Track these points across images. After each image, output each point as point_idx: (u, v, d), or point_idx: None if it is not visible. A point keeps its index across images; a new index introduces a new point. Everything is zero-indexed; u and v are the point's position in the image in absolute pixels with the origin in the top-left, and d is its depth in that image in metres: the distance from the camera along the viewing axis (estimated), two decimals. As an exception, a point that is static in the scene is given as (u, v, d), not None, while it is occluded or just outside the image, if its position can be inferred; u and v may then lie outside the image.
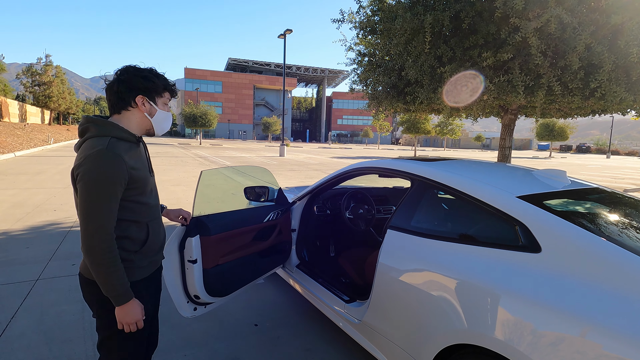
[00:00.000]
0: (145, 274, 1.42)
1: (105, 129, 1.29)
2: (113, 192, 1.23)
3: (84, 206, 1.22)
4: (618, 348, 1.06)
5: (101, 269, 1.23)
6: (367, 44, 6.04)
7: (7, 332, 2.41)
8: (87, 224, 1.21)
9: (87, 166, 1.21)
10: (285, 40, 21.42)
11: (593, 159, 37.95)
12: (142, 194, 1.36)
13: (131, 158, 1.30)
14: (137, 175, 1.31)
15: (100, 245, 1.22)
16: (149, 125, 1.40)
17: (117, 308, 1.28)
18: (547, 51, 4.20)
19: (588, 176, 16.94)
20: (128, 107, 1.34)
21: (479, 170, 2.09)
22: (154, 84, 1.36)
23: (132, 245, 1.35)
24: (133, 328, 1.32)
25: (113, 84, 1.32)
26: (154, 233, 1.43)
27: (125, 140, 1.31)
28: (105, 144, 1.24)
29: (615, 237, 1.41)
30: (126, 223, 1.33)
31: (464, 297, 1.48)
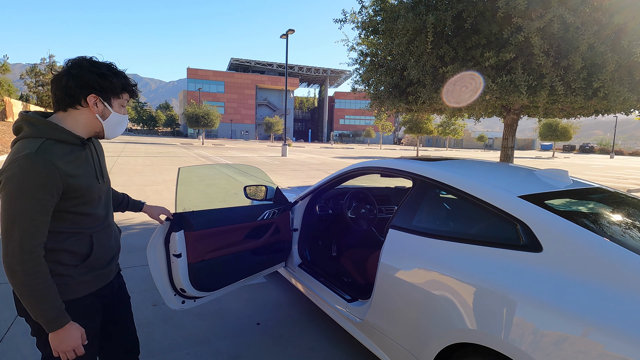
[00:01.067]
0: (90, 289, 1.26)
1: (40, 129, 1.11)
2: (41, 205, 1.05)
3: (4, 220, 1.04)
4: (620, 348, 1.06)
5: (25, 293, 1.06)
6: (369, 44, 6.04)
7: (13, 330, 2.43)
8: (7, 241, 1.04)
9: (11, 172, 1.03)
10: (287, 41, 21.44)
11: (596, 159, 37.77)
12: (85, 203, 1.19)
13: (69, 164, 1.13)
14: (77, 184, 1.14)
15: (21, 266, 1.04)
16: (99, 127, 1.22)
17: (50, 334, 1.12)
18: (550, 51, 4.19)
19: (591, 176, 16.87)
20: (76, 106, 1.16)
21: (480, 170, 2.09)
22: (111, 84, 1.18)
23: (70, 259, 1.19)
24: (71, 356, 1.15)
25: (61, 77, 1.14)
26: (100, 245, 1.26)
27: (65, 142, 1.14)
28: (35, 147, 1.06)
29: (617, 237, 1.41)
30: (64, 235, 1.16)
31: (465, 296, 1.48)
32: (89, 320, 1.26)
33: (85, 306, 1.25)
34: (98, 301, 1.31)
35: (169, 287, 2.09)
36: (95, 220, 1.24)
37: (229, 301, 3.01)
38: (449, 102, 5.13)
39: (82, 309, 1.23)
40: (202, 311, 2.81)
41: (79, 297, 1.22)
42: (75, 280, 1.20)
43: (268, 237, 2.63)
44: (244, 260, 2.46)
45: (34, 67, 34.62)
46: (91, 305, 1.27)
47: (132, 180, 9.19)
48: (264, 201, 2.82)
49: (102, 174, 1.30)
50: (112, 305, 1.41)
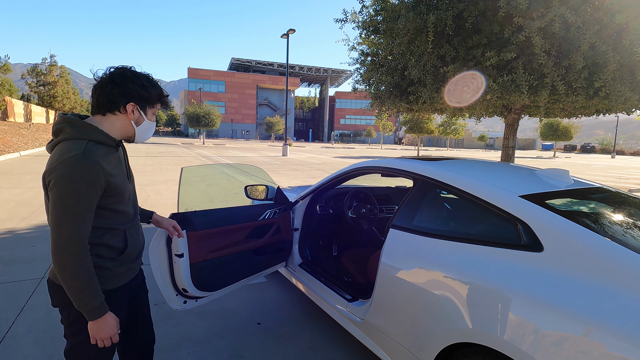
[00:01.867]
0: (122, 281, 1.36)
1: (83, 131, 1.20)
2: (88, 202, 1.15)
3: (56, 216, 1.13)
4: (622, 348, 1.05)
5: (73, 284, 1.15)
6: (370, 44, 6.03)
7: (14, 329, 2.44)
8: (59, 235, 1.13)
9: (61, 172, 1.11)
10: (288, 40, 21.44)
11: (598, 159, 37.70)
12: (120, 202, 1.28)
13: (109, 164, 1.22)
14: (115, 183, 1.23)
15: (71, 259, 1.13)
16: (132, 132, 1.32)
17: (90, 323, 1.20)
18: (551, 50, 4.18)
19: (592, 176, 16.84)
20: (115, 111, 1.26)
21: (481, 169, 2.09)
22: (149, 94, 1.29)
23: (108, 252, 1.28)
24: (107, 343, 1.24)
25: (106, 85, 1.23)
26: (132, 240, 1.36)
27: (104, 144, 1.23)
28: (81, 148, 1.15)
29: (618, 237, 1.41)
30: (102, 230, 1.25)
31: (466, 296, 1.48)
32: (120, 310, 1.35)
33: (118, 297, 1.34)
34: (128, 293, 1.41)
35: (171, 287, 2.09)
36: (127, 217, 1.34)
37: (229, 301, 3.02)
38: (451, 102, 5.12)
39: (116, 299, 1.31)
40: (202, 310, 2.81)
41: (114, 288, 1.31)
42: (112, 272, 1.30)
43: (269, 236, 2.63)
44: (245, 260, 2.46)
45: (35, 66, 34.60)
46: (122, 296, 1.37)
47: (133, 180, 9.19)
48: (264, 201, 2.82)
49: (130, 174, 1.40)
50: (134, 298, 1.49)
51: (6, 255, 3.76)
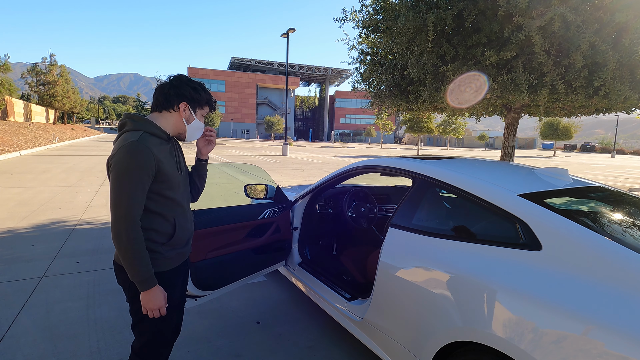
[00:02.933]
0: (172, 265, 1.49)
1: (140, 124, 1.38)
2: (140, 182, 1.30)
3: (113, 193, 1.30)
4: (620, 346, 1.05)
5: (127, 255, 1.30)
6: (370, 43, 6.02)
7: (13, 328, 2.44)
8: (116, 210, 1.29)
9: (119, 156, 1.29)
10: (288, 39, 21.42)
11: (598, 158, 37.69)
12: (169, 188, 1.42)
13: (160, 152, 1.37)
14: (165, 169, 1.38)
15: (126, 232, 1.29)
16: (183, 130, 1.49)
17: (141, 293, 1.36)
18: (551, 49, 4.17)
19: (592, 175, 16.84)
20: (170, 109, 1.45)
21: (480, 168, 2.09)
22: (199, 96, 1.47)
23: (159, 237, 1.42)
24: (156, 314, 1.38)
25: (165, 86, 1.44)
26: (180, 228, 1.49)
27: (157, 136, 1.40)
28: (137, 137, 1.32)
29: (617, 236, 1.40)
30: (153, 215, 1.40)
31: (465, 294, 1.48)
32: (173, 290, 1.49)
33: (168, 279, 1.47)
34: (178, 277, 1.55)
35: None
36: (176, 204, 1.47)
37: (229, 300, 3.02)
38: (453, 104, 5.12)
39: (166, 280, 1.45)
40: (202, 309, 2.82)
41: (164, 271, 1.45)
42: (162, 256, 1.43)
43: (268, 236, 2.63)
44: (245, 259, 2.47)
45: (35, 66, 34.56)
46: (173, 279, 1.50)
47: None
48: (264, 200, 2.82)
49: (181, 167, 1.53)
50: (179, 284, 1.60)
51: (6, 255, 3.76)
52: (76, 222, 5.11)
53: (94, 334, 2.41)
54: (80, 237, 4.45)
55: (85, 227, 4.89)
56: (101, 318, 2.62)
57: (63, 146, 20.92)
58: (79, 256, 3.83)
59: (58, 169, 10.59)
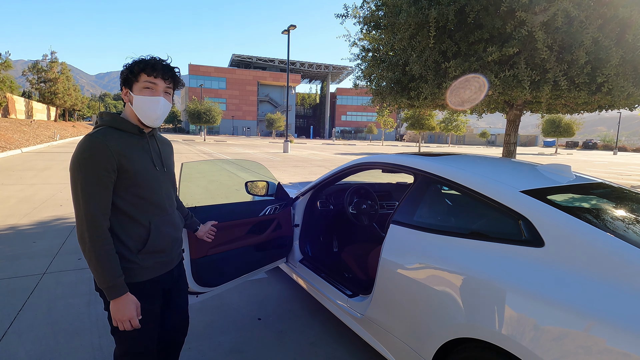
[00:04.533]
0: (151, 275, 1.36)
1: (105, 119, 1.31)
2: (95, 176, 1.19)
3: (72, 193, 1.21)
4: (622, 343, 1.05)
5: (91, 258, 1.20)
6: (371, 39, 5.99)
7: (15, 325, 2.45)
8: (76, 210, 1.21)
9: (73, 153, 1.22)
10: (289, 36, 21.35)
11: (599, 156, 37.57)
12: (138, 186, 1.29)
13: (121, 145, 1.26)
14: (128, 164, 1.25)
15: (88, 232, 1.19)
16: (139, 112, 1.31)
17: (110, 302, 1.24)
18: (554, 45, 4.14)
19: (594, 173, 16.79)
20: (125, 95, 1.34)
21: (482, 165, 2.08)
22: (130, 72, 1.28)
23: (131, 242, 1.30)
24: (127, 326, 1.26)
25: None
26: (157, 232, 1.35)
27: (123, 130, 1.30)
28: (95, 131, 1.25)
29: (620, 232, 1.39)
30: (124, 216, 1.28)
31: (467, 291, 1.48)
32: (149, 303, 1.36)
33: (146, 290, 1.34)
34: (158, 286, 1.40)
35: None
36: (153, 206, 1.34)
37: (230, 296, 3.02)
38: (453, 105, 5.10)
39: (143, 292, 1.33)
40: (203, 306, 2.82)
41: (141, 281, 1.33)
42: (138, 265, 1.31)
43: (269, 232, 2.63)
44: (246, 255, 2.47)
45: (36, 63, 34.57)
46: (151, 290, 1.37)
47: (134, 177, 9.20)
48: (265, 197, 2.81)
49: (162, 163, 1.41)
50: (170, 291, 1.52)
51: (8, 251, 3.77)
52: (78, 219, 5.12)
53: (95, 330, 2.42)
54: (82, 234, 4.46)
55: (86, 224, 4.90)
56: (103, 315, 2.63)
57: (64, 143, 20.94)
58: (80, 253, 3.84)
59: (59, 166, 10.60)
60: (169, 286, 1.49)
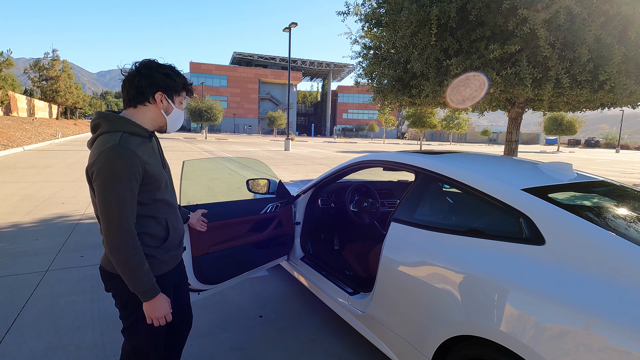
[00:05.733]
0: (167, 268, 1.43)
1: (118, 124, 1.27)
2: (129, 189, 1.21)
3: (103, 205, 1.20)
4: (623, 341, 1.05)
5: (126, 267, 1.23)
6: (373, 37, 5.97)
7: (18, 321, 2.46)
8: (108, 223, 1.21)
9: (101, 163, 1.19)
10: (290, 34, 21.29)
11: (602, 154, 37.43)
12: (157, 189, 1.34)
13: (144, 153, 1.28)
14: (151, 171, 1.30)
15: (123, 244, 1.21)
16: (164, 122, 1.38)
17: (144, 304, 1.29)
18: (556, 43, 4.12)
19: (596, 171, 16.73)
20: (145, 102, 1.32)
21: (483, 163, 2.08)
22: (174, 82, 1.34)
23: (152, 241, 1.35)
24: (162, 322, 1.33)
25: (134, 77, 1.29)
26: (173, 229, 1.43)
27: (138, 135, 1.30)
28: (117, 139, 1.22)
29: (621, 231, 1.39)
30: (145, 219, 1.32)
31: (467, 289, 1.48)
32: (168, 294, 1.41)
33: (164, 283, 1.39)
34: (171, 280, 1.48)
35: None
36: (167, 205, 1.40)
37: (231, 294, 3.04)
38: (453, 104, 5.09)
39: (163, 284, 1.38)
40: (205, 303, 2.83)
41: (160, 275, 1.39)
42: (158, 260, 1.37)
43: (271, 230, 2.63)
44: (247, 253, 2.47)
45: (37, 61, 34.59)
46: (166, 283, 1.42)
47: (135, 175, 9.22)
48: (266, 195, 2.82)
49: (165, 163, 1.45)
50: (176, 285, 1.57)
51: (11, 249, 3.79)
52: (80, 217, 5.13)
53: (97, 327, 2.43)
54: (84, 232, 4.48)
55: (88, 222, 4.92)
56: (105, 311, 2.64)
57: (66, 141, 20.98)
58: (82, 250, 3.85)
59: (61, 164, 10.63)
60: (177, 279, 1.56)
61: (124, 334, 1.42)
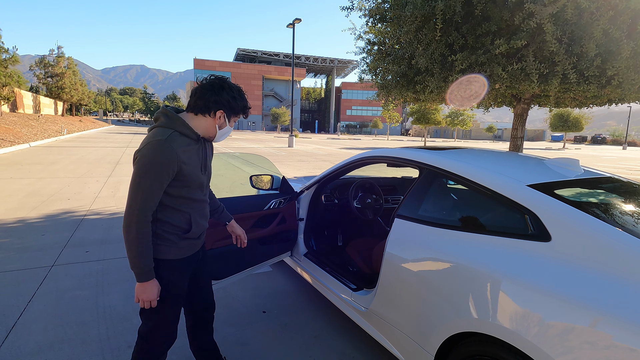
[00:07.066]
0: (183, 254, 1.54)
1: (173, 122, 1.42)
2: (158, 180, 1.35)
3: (132, 188, 1.35)
4: (629, 339, 1.04)
5: (132, 247, 1.35)
6: (377, 32, 5.93)
7: (25, 316, 2.49)
8: (131, 203, 1.35)
9: (144, 152, 1.34)
10: (294, 30, 21.22)
11: (608, 150, 37.04)
12: (188, 187, 1.46)
13: (185, 153, 1.41)
14: (187, 171, 1.42)
15: (136, 226, 1.34)
16: (214, 133, 1.52)
17: (137, 284, 1.41)
18: (563, 38, 4.07)
19: (603, 168, 16.56)
20: (206, 115, 1.47)
21: (488, 158, 2.06)
22: (236, 106, 1.51)
23: (174, 229, 1.49)
24: (147, 305, 1.43)
25: (206, 91, 1.44)
26: (196, 224, 1.55)
27: (186, 136, 1.44)
28: (166, 135, 1.37)
29: (629, 227, 1.37)
30: (170, 210, 1.46)
31: (472, 285, 1.47)
32: (180, 278, 1.55)
33: (180, 266, 1.54)
34: (189, 266, 1.60)
35: None
36: (194, 202, 1.53)
37: (235, 289, 3.05)
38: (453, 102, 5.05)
39: (178, 267, 1.53)
40: (209, 299, 2.84)
41: (177, 259, 1.52)
42: (177, 245, 1.50)
43: (274, 226, 2.63)
44: (251, 249, 2.48)
45: (43, 58, 34.79)
46: (183, 267, 1.56)
47: (140, 171, 9.27)
48: (270, 191, 2.82)
49: (206, 167, 1.59)
50: (197, 272, 1.74)
51: (17, 244, 3.83)
52: (85, 213, 5.17)
53: (102, 322, 2.46)
54: (89, 227, 4.51)
55: (93, 218, 4.95)
56: (110, 306, 2.66)
57: (71, 138, 21.12)
58: (88, 246, 3.88)
59: (67, 160, 10.71)
60: (196, 265, 1.68)
61: (141, 317, 1.55)
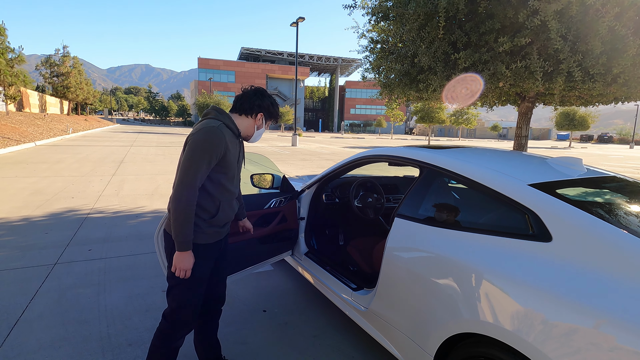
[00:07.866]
0: (208, 240, 1.68)
1: (222, 116, 1.67)
2: (207, 160, 1.54)
3: (185, 163, 1.53)
4: (633, 341, 1.02)
5: (180, 216, 1.51)
6: (380, 31, 5.90)
7: (27, 313, 2.51)
8: (183, 176, 1.52)
9: (199, 134, 1.54)
10: (297, 29, 21.19)
11: (615, 149, 36.67)
12: (225, 174, 1.65)
13: (230, 142, 1.63)
14: (229, 157, 1.63)
15: (186, 196, 1.51)
16: (251, 133, 1.78)
17: (176, 252, 1.56)
18: (568, 35, 4.01)
19: (609, 167, 16.39)
20: (249, 116, 1.74)
21: (490, 158, 2.03)
22: (274, 111, 1.80)
23: (202, 213, 1.63)
24: (182, 275, 1.58)
25: (251, 96, 1.73)
26: (223, 211, 1.71)
27: (231, 129, 1.68)
28: (217, 124, 1.59)
29: (632, 228, 1.35)
30: (204, 192, 1.62)
31: (471, 286, 1.45)
32: (204, 262, 1.68)
33: (204, 251, 1.67)
34: (213, 252, 1.73)
35: None
36: (226, 191, 1.70)
37: (235, 288, 3.05)
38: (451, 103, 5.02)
39: (202, 252, 1.66)
40: (209, 298, 2.84)
41: (202, 243, 1.66)
42: (201, 229, 1.64)
43: (275, 225, 2.63)
44: (252, 247, 2.48)
45: (48, 58, 35.04)
46: (208, 252, 1.70)
47: (143, 169, 9.32)
48: (270, 190, 2.81)
49: (241, 160, 1.80)
50: (218, 260, 1.84)
51: (21, 242, 3.86)
52: (88, 211, 5.20)
53: (104, 320, 2.47)
54: (92, 226, 4.54)
55: (97, 216, 4.98)
56: (111, 304, 2.67)
57: (77, 137, 21.28)
58: (90, 244, 3.91)
59: (72, 159, 10.79)
60: (218, 254, 1.80)
61: (167, 298, 1.68)
